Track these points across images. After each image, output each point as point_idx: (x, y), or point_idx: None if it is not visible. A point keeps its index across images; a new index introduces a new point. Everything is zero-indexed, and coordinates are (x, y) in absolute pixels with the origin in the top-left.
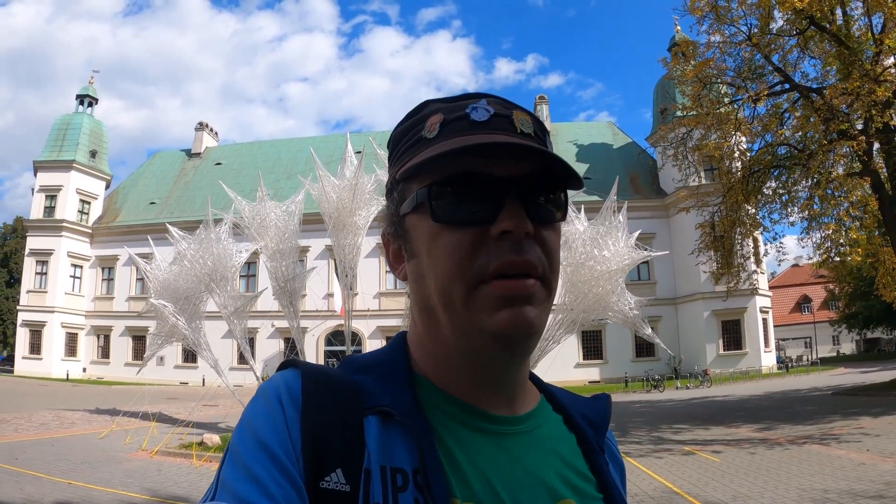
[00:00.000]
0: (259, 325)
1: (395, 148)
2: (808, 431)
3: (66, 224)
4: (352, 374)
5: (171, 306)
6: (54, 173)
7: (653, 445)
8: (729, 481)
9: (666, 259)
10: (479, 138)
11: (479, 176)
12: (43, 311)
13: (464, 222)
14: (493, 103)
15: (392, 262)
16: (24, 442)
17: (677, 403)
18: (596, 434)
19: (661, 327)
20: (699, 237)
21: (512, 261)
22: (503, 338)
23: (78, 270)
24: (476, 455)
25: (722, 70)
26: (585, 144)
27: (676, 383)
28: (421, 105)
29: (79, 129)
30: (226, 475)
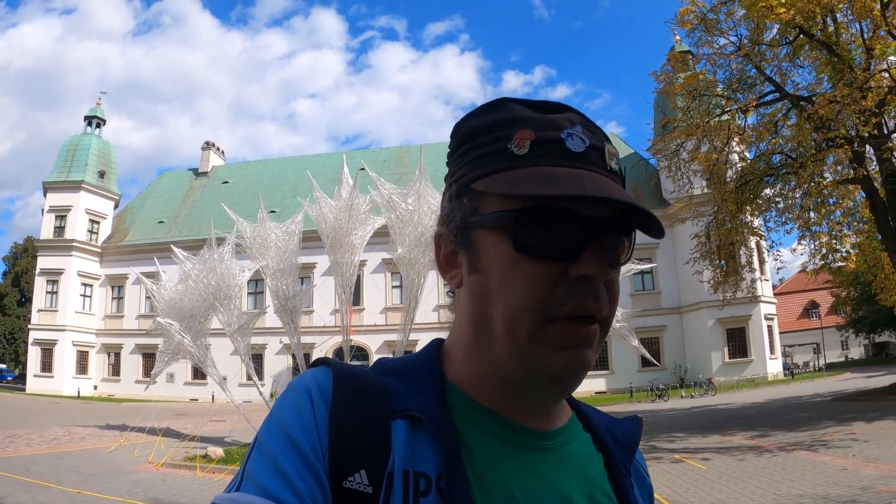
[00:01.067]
0: (267, 342)
1: (464, 143)
2: (799, 438)
3: (75, 244)
4: (382, 377)
5: (177, 324)
6: (64, 194)
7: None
8: (710, 488)
9: (670, 269)
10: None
11: (570, 214)
12: (54, 330)
13: (547, 257)
14: (586, 131)
15: (444, 264)
16: (36, 455)
17: (679, 412)
18: (624, 455)
19: (667, 337)
20: (694, 247)
21: (587, 306)
22: (560, 378)
23: (88, 289)
24: (501, 466)
25: (711, 82)
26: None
27: (681, 392)
28: (498, 102)
29: (87, 149)
30: (252, 467)
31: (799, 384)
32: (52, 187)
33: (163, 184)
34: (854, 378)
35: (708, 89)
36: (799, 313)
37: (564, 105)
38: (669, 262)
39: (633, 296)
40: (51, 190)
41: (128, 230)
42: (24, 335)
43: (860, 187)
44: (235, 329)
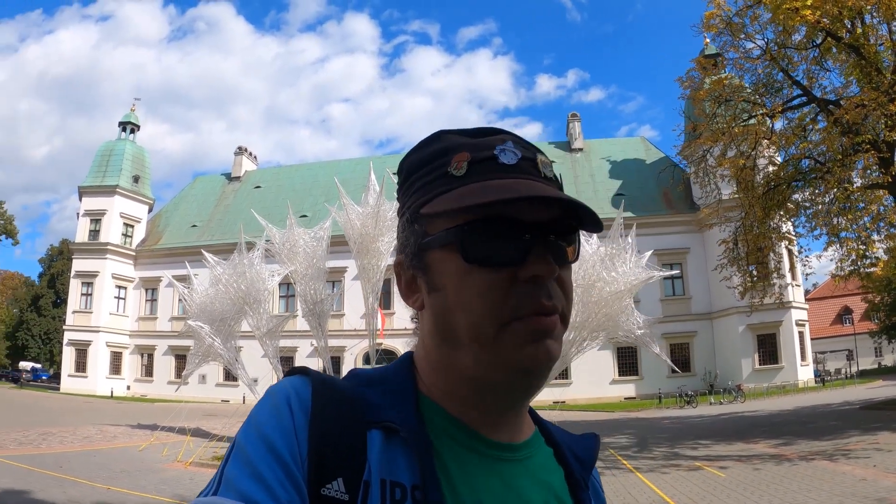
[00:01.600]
0: (298, 344)
1: (409, 177)
2: (822, 447)
3: (110, 247)
4: (358, 387)
5: (208, 327)
6: (99, 198)
7: (664, 461)
8: (726, 496)
9: (701, 274)
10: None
11: (511, 221)
12: (88, 331)
13: (495, 264)
14: (518, 145)
15: (405, 290)
16: (68, 453)
17: (706, 419)
18: (583, 470)
19: (697, 342)
20: (722, 253)
21: (543, 304)
22: (528, 371)
23: (122, 291)
24: (473, 476)
25: (738, 87)
26: (618, 161)
27: (710, 399)
28: (435, 136)
29: (122, 155)
30: (230, 472)
31: (829, 392)
32: (88, 192)
33: (196, 188)
34: (886, 386)
35: (734, 94)
36: (832, 319)
37: (498, 129)
38: (700, 268)
39: (662, 301)
40: (86, 194)
41: (161, 234)
42: (59, 336)
43: (888, 192)
44: (265, 332)
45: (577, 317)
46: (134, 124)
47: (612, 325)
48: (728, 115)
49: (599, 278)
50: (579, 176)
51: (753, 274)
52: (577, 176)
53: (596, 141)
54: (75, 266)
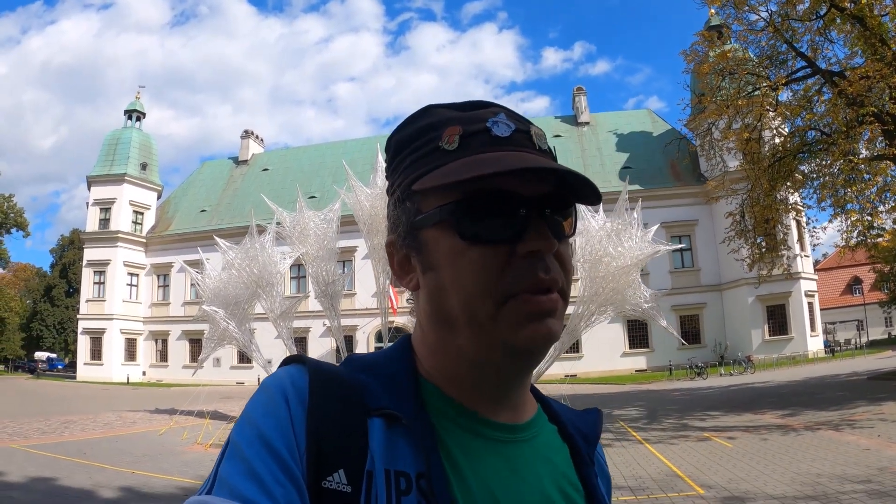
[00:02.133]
0: (311, 325)
1: (399, 153)
2: (829, 417)
3: (120, 235)
4: (356, 374)
5: (222, 311)
6: (107, 187)
7: (673, 432)
8: (732, 465)
9: (709, 245)
10: (513, 157)
11: (507, 195)
12: (102, 319)
13: (492, 241)
14: (510, 117)
15: (398, 271)
16: (90, 440)
17: (716, 390)
18: (587, 446)
19: (706, 314)
20: (729, 225)
21: (541, 279)
22: (528, 351)
23: (134, 278)
24: (478, 461)
25: (742, 60)
26: (625, 134)
27: (720, 370)
28: (423, 110)
29: (128, 143)
30: (225, 470)
31: (839, 362)
32: (96, 181)
33: (204, 173)
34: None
35: (738, 67)
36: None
37: (489, 102)
38: (708, 239)
39: (672, 273)
40: (95, 183)
41: (171, 220)
42: (73, 325)
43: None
44: (278, 315)
45: (585, 291)
46: (140, 112)
47: (620, 300)
48: (732, 87)
49: (606, 253)
50: (586, 149)
51: (762, 245)
52: (584, 149)
53: (602, 114)
54: (87, 255)
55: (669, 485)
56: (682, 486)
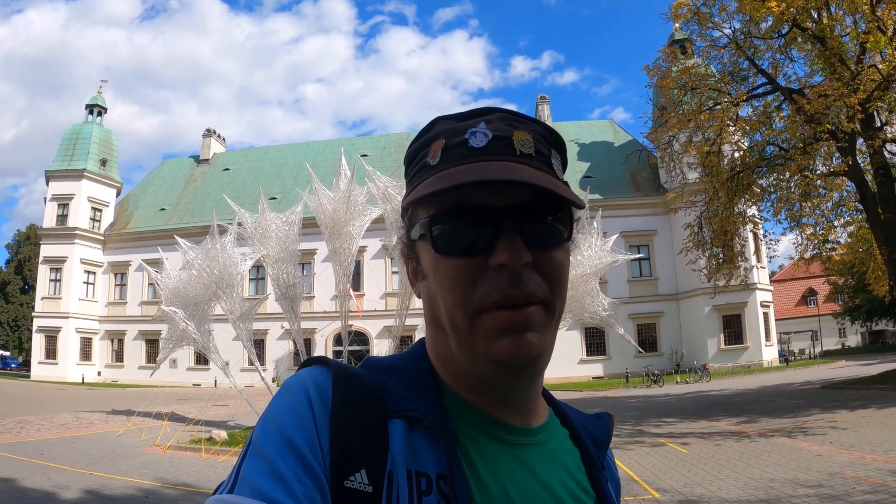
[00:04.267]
0: (269, 327)
1: (407, 168)
2: (782, 424)
3: (78, 232)
4: (376, 376)
5: (181, 312)
6: (66, 182)
7: (629, 438)
8: (687, 471)
9: (668, 255)
10: (476, 169)
11: (477, 207)
12: (58, 317)
13: (462, 253)
14: (494, 124)
15: (411, 278)
16: (47, 440)
17: (671, 398)
18: (598, 450)
19: (663, 323)
20: (688, 236)
21: (509, 294)
22: (507, 364)
23: (91, 276)
24: (495, 464)
25: (703, 76)
26: (587, 143)
27: (676, 378)
28: (430, 124)
29: (89, 138)
30: (248, 470)
31: (793, 371)
32: (55, 176)
33: (164, 171)
34: (848, 366)
35: (700, 82)
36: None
37: (491, 108)
38: (666, 249)
39: (630, 282)
40: (53, 178)
41: (130, 218)
42: (27, 322)
43: (848, 179)
44: (238, 316)
45: None
46: (101, 107)
47: (579, 307)
48: (694, 102)
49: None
50: None
51: (719, 256)
52: None
53: (564, 123)
54: (43, 252)
55: (626, 489)
56: (638, 490)
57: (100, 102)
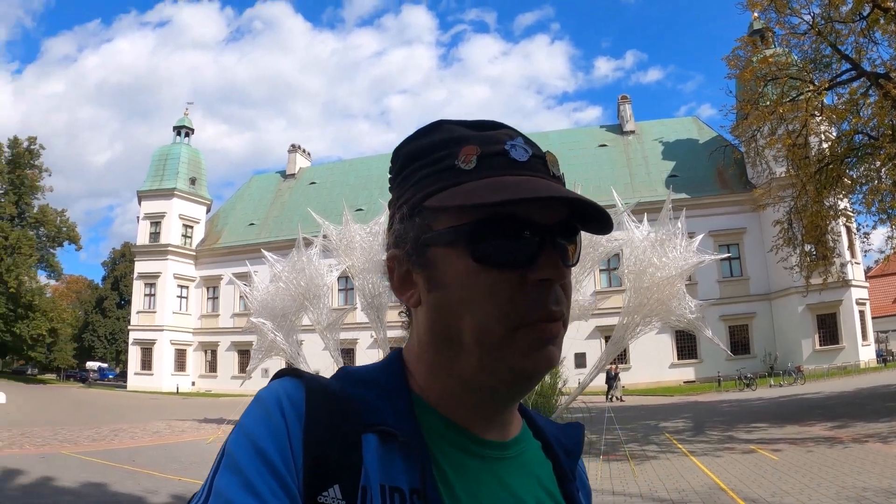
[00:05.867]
0: (358, 336)
1: (407, 166)
2: (878, 429)
3: (170, 248)
4: (350, 388)
5: (270, 323)
6: (157, 201)
7: (719, 444)
8: (777, 479)
9: (758, 254)
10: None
11: (522, 221)
12: (152, 330)
13: (505, 265)
14: (526, 142)
15: (397, 284)
16: (140, 447)
17: (765, 402)
18: (569, 461)
19: (756, 324)
20: (777, 233)
21: (551, 309)
22: (530, 377)
23: (184, 290)
24: (469, 478)
25: (784, 64)
26: (671, 142)
27: (770, 381)
28: (436, 124)
29: (178, 158)
30: (221, 483)
31: (891, 372)
32: (146, 195)
33: (252, 187)
34: None
35: (781, 71)
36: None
37: (499, 123)
38: (757, 247)
39: (720, 282)
40: (145, 198)
41: (220, 233)
42: (124, 336)
43: None
44: (325, 326)
45: (630, 302)
46: (188, 128)
47: (665, 311)
48: (776, 93)
49: (651, 263)
50: (632, 158)
51: (811, 253)
52: (630, 158)
53: (647, 122)
54: (137, 268)
55: (712, 498)
56: (724, 499)
57: (186, 124)
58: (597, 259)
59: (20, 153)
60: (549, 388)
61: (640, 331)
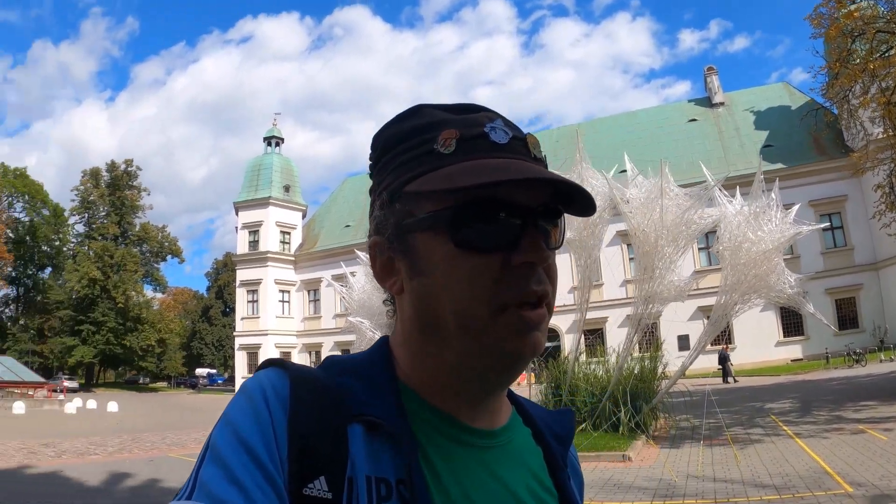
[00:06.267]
0: None
1: (387, 152)
2: None
3: (269, 255)
4: (336, 377)
5: (368, 322)
6: (254, 211)
7: (826, 425)
8: (886, 461)
9: (861, 221)
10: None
11: (503, 204)
12: (257, 335)
13: (487, 249)
14: (506, 122)
15: (380, 273)
16: None
17: (875, 378)
18: (561, 448)
19: (864, 296)
20: (879, 198)
21: (534, 291)
22: (514, 361)
23: (285, 295)
24: (457, 467)
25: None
26: (762, 110)
27: (880, 356)
28: (415, 109)
29: (270, 168)
30: (205, 475)
31: None
32: (243, 206)
33: (346, 189)
34: None
35: (868, 26)
36: None
37: (479, 105)
38: (860, 215)
39: (824, 254)
40: (241, 208)
41: (317, 237)
42: (230, 342)
43: None
44: None
45: (728, 280)
46: (278, 138)
47: (764, 287)
48: (864, 49)
49: (746, 238)
50: (724, 131)
51: None
52: (722, 131)
53: (737, 93)
54: (239, 276)
55: (817, 482)
56: (830, 483)
57: (276, 134)
58: (690, 237)
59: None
60: (649, 373)
61: (740, 309)
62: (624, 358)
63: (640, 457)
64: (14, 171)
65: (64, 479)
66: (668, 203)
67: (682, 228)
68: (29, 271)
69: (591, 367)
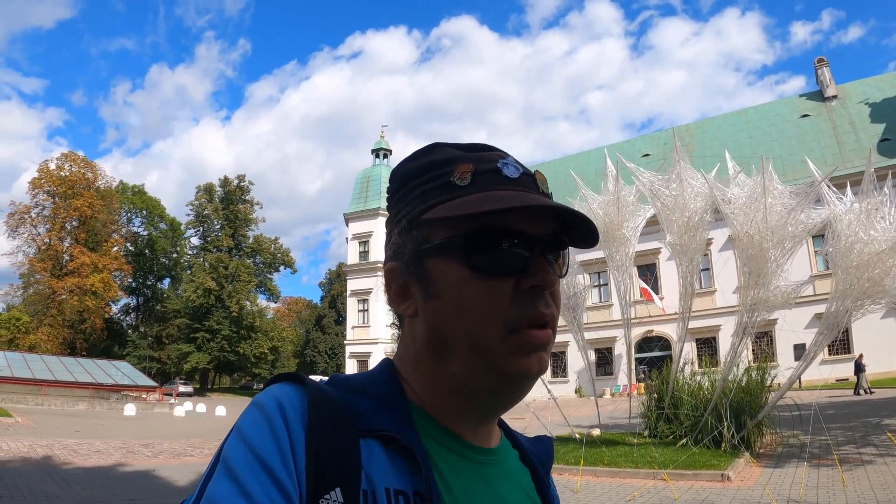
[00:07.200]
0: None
1: (405, 184)
2: None
3: (379, 265)
4: (344, 395)
5: None
6: (363, 222)
7: None
8: None
9: None
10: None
11: (513, 232)
12: (367, 344)
13: (499, 273)
14: (517, 163)
15: (395, 297)
16: None
17: None
18: (544, 472)
19: None
20: None
21: (542, 313)
22: (521, 382)
23: None
24: (465, 482)
25: None
26: (878, 101)
27: None
28: (430, 147)
29: (378, 179)
30: (215, 490)
31: None
32: (353, 217)
33: None
34: None
35: None
36: None
37: (491, 146)
38: None
39: None
40: (352, 220)
41: None
42: (342, 350)
43: None
44: None
45: (839, 286)
46: (385, 149)
47: (879, 291)
48: None
49: (858, 239)
50: (838, 126)
51: None
52: (836, 126)
53: (850, 84)
54: (350, 286)
55: None
56: None
57: (383, 146)
58: (797, 239)
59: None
60: (756, 385)
61: (853, 316)
62: (728, 368)
63: (740, 476)
64: (133, 188)
65: (154, 477)
66: (771, 202)
67: (789, 229)
68: (148, 282)
69: (696, 378)
